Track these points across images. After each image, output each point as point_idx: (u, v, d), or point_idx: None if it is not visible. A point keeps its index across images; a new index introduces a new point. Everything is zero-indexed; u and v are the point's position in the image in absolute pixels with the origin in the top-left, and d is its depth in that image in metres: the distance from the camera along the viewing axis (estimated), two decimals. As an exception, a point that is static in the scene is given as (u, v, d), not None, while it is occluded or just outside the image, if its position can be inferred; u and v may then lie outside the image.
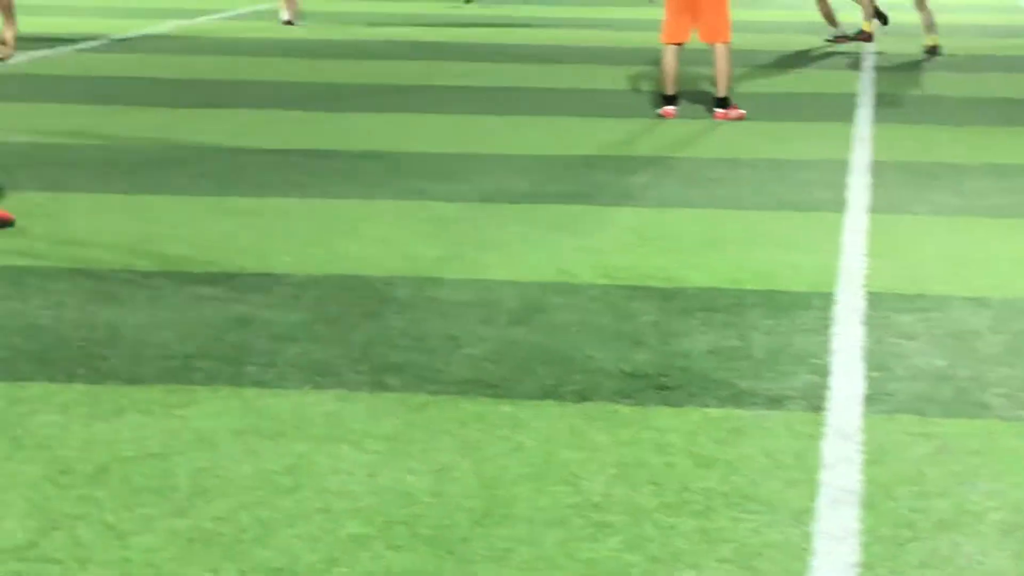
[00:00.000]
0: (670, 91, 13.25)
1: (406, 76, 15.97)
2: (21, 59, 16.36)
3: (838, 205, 9.64)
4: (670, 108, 13.21)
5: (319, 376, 6.15)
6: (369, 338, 6.69)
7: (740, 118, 13.01)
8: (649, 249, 8.45)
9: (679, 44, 13.12)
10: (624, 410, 5.83)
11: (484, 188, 10.04)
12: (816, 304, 7.34)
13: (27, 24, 15.50)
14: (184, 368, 6.22)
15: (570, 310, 7.21)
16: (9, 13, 8.64)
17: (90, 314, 6.95)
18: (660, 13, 13.30)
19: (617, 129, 12.64)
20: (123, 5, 23.45)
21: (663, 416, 5.77)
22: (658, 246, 8.52)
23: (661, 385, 6.11)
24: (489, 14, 23.24)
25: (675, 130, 12.64)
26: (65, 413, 5.66)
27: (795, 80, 16.23)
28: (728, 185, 10.29)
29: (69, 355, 6.34)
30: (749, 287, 7.65)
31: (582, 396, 5.98)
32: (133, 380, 6.06)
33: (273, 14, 21.97)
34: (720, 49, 13.03)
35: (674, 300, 7.38)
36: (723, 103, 13.15)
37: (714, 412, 5.81)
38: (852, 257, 8.31)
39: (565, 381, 6.15)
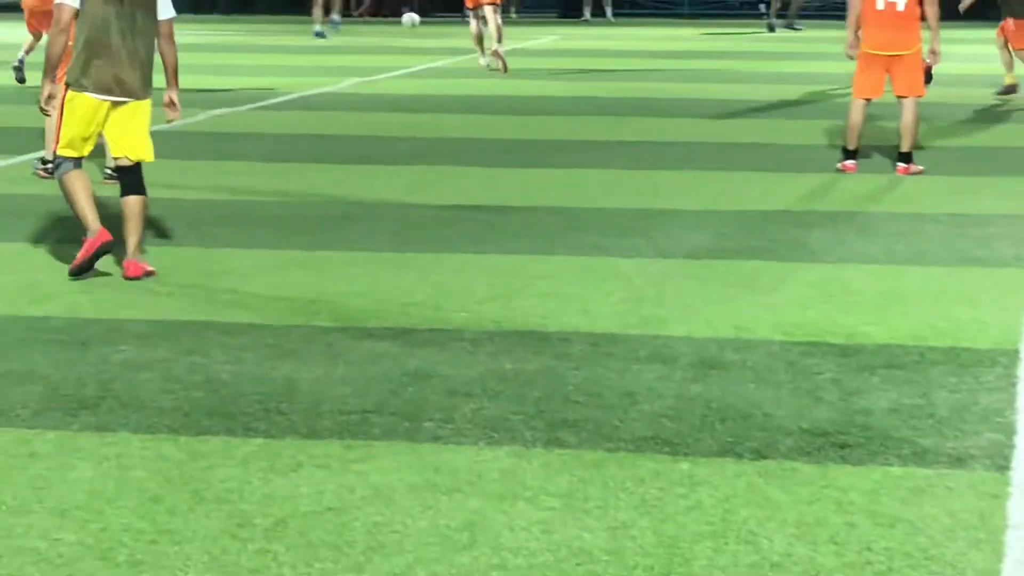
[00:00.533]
0: (852, 145, 13.10)
1: (584, 132, 16.01)
2: (201, 118, 16.74)
3: (1023, 260, 9.44)
4: (850, 163, 13.06)
5: (494, 432, 6.14)
6: (545, 394, 6.67)
7: (919, 173, 12.82)
8: (828, 305, 8.34)
9: (869, 99, 12.98)
10: (804, 468, 5.74)
11: (662, 244, 10.00)
12: (1001, 361, 7.18)
13: (207, 83, 15.94)
14: (361, 423, 6.25)
15: (748, 367, 7.13)
16: (175, 75, 8.85)
17: (269, 369, 7.03)
18: (837, 67, 13.18)
19: (796, 184, 12.54)
20: (301, 64, 23.85)
21: (843, 474, 5.67)
22: (838, 302, 8.41)
23: (841, 443, 6.01)
24: (666, 67, 23.23)
25: (856, 185, 12.49)
26: (244, 467, 5.71)
27: (979, 133, 15.97)
28: (910, 240, 10.13)
29: (248, 410, 6.40)
30: (931, 344, 7.50)
31: (760, 453, 5.90)
32: (311, 435, 6.10)
33: (448, 71, 22.19)
34: (909, 103, 12.86)
35: (854, 357, 7.26)
36: (907, 157, 12.97)
37: (896, 471, 5.70)
38: (1035, 312, 8.13)
39: (743, 438, 6.08)
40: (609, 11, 37.49)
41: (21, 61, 18.87)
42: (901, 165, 12.98)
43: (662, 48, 26.10)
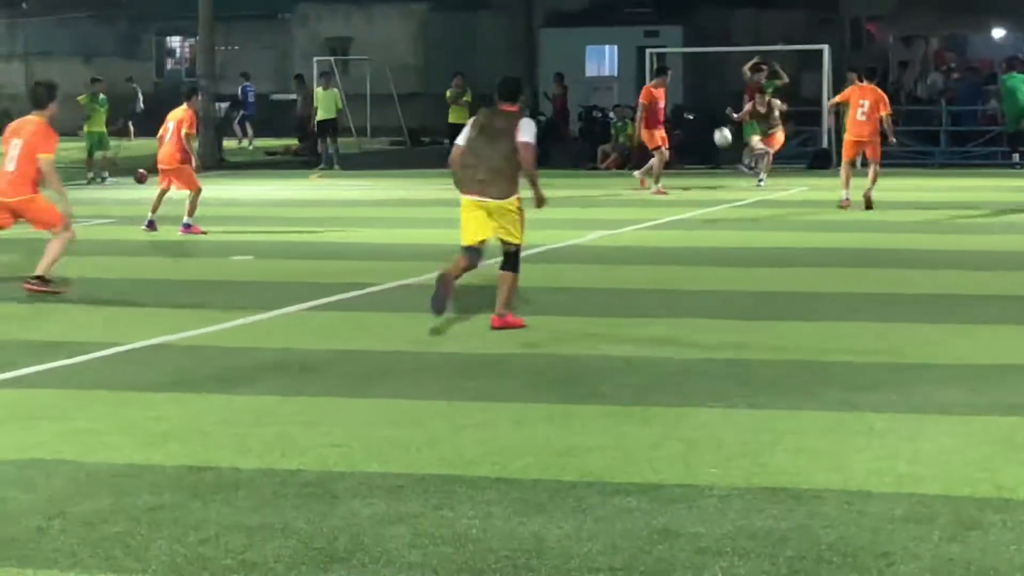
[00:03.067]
0: None
1: (832, 283, 15.83)
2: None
3: None
4: None
5: (745, 593, 6.04)
6: (797, 553, 6.55)
7: None
8: (1092, 463, 8.06)
9: None
10: (1069, 635, 5.53)
11: (915, 399, 9.79)
12: None
13: (457, 236, 16.08)
14: (609, 581, 6.20)
15: (1008, 527, 6.92)
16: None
17: (517, 524, 7.02)
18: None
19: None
20: (549, 217, 24.05)
21: (1112, 644, 5.44)
22: (1102, 460, 8.13)
23: (1109, 609, 5.78)
24: (916, 218, 22.93)
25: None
26: (493, 626, 5.70)
27: None
28: None
29: (496, 566, 6.40)
30: None
31: (1022, 620, 5.70)
32: (559, 593, 6.07)
33: (695, 223, 22.16)
34: None
35: (1122, 518, 7.00)
36: None
37: None
38: None
39: (1004, 603, 5.88)
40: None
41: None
42: None
43: (910, 199, 25.81)
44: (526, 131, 12.92)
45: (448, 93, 39.05)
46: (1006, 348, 11.69)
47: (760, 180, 29.84)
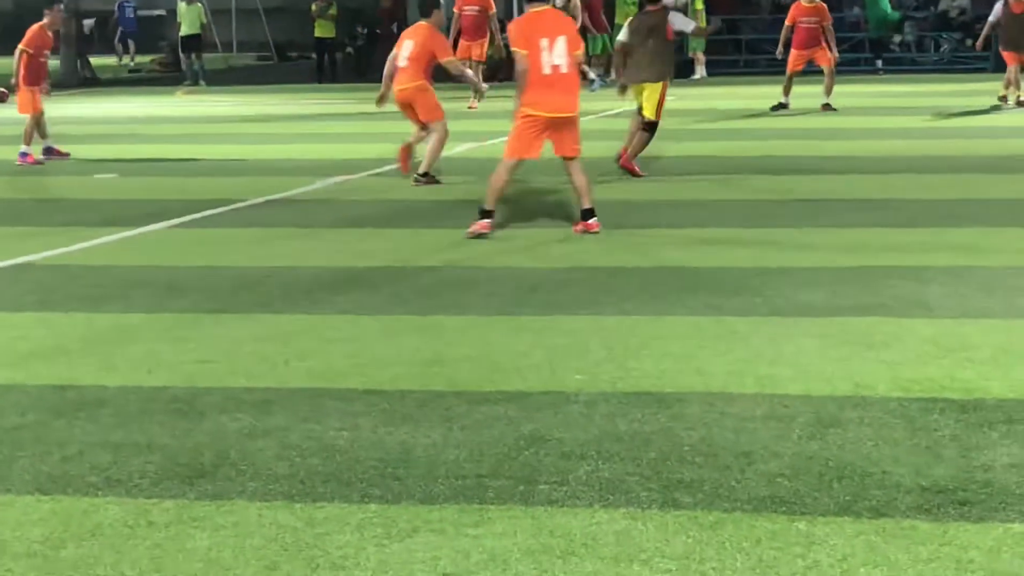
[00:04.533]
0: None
1: (695, 192, 15.96)
2: (319, 185, 16.93)
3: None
4: (485, 222, 13.00)
5: (610, 494, 6.12)
6: (661, 455, 6.64)
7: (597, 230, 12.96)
8: (947, 360, 8.24)
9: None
10: (923, 526, 5.67)
11: (776, 302, 9.94)
12: (1125, 414, 7.06)
13: (326, 151, 16.08)
14: (476, 487, 6.26)
15: (866, 424, 7.06)
16: None
17: (384, 435, 7.06)
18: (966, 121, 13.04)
19: (912, 239, 12.41)
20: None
21: (963, 532, 5.59)
22: (956, 357, 8.31)
23: (961, 500, 5.93)
24: (774, 125, 23.13)
25: (974, 239, 12.35)
26: (360, 534, 5.74)
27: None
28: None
29: (364, 476, 6.44)
30: (1052, 398, 7.40)
31: (879, 512, 5.84)
32: (426, 500, 6.11)
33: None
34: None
35: (973, 412, 7.17)
36: (588, 214, 13.13)
37: (1017, 527, 5.62)
38: None
39: (861, 497, 6.02)
40: (701, 70, 37.55)
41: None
42: (582, 223, 13.06)
43: (760, 106, 26.02)
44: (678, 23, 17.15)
45: (313, 7, 38.72)
46: (866, 250, 11.88)
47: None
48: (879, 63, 36.84)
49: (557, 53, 12.70)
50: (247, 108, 30.76)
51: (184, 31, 38.98)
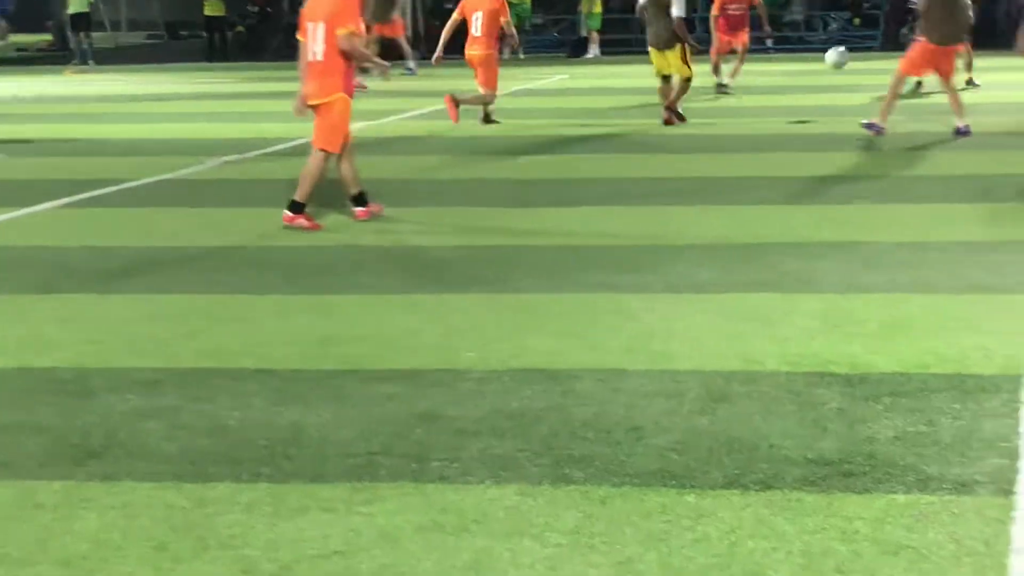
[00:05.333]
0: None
1: (592, 169, 16.03)
2: (208, 165, 16.83)
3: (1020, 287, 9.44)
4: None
5: (501, 470, 6.14)
6: (552, 431, 6.67)
7: (307, 226, 12.47)
8: (834, 335, 8.33)
9: None
10: (808, 498, 5.74)
11: (670, 279, 10.00)
12: (1005, 387, 7.17)
13: (215, 131, 15.96)
14: (368, 465, 6.26)
15: (754, 398, 7.13)
16: None
17: (275, 414, 7.04)
18: (846, 100, 13.16)
19: (802, 215, 12.54)
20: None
21: (848, 503, 5.67)
22: (843, 332, 8.40)
23: (847, 472, 6.01)
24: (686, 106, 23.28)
25: (861, 216, 12.49)
26: (250, 512, 5.72)
27: (989, 162, 15.94)
28: (915, 268, 10.13)
29: (254, 455, 6.41)
30: (935, 371, 7.50)
31: (767, 484, 5.90)
32: (317, 479, 6.11)
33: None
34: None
35: (859, 386, 7.26)
36: (297, 207, 12.54)
37: (901, 498, 5.70)
38: (1041, 339, 8.12)
39: (749, 470, 6.08)
40: (595, 49, 37.76)
41: None
42: (288, 214, 12.49)
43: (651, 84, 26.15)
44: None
45: (204, -16, 38.44)
46: (757, 227, 11.99)
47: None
48: (769, 42, 37.12)
49: (316, 39, 12.41)
50: (137, 87, 30.49)
51: (72, 9, 38.55)
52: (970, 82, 24.18)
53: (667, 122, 20.28)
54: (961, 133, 17.73)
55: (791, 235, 11.57)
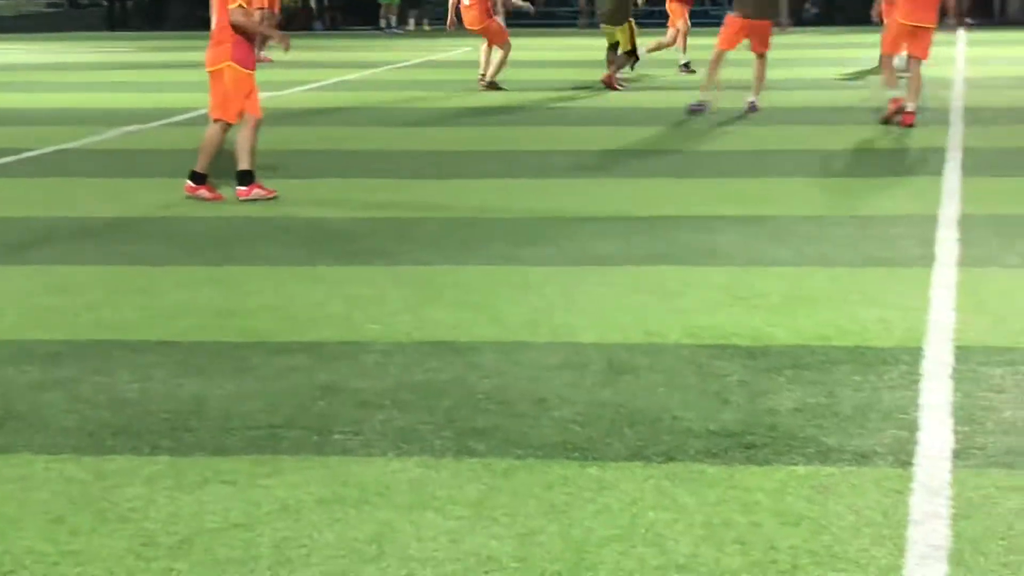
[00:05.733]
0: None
1: (495, 142, 16.03)
2: (110, 135, 16.67)
3: (927, 260, 9.53)
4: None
5: (404, 443, 6.14)
6: (455, 403, 6.67)
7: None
8: (736, 308, 8.39)
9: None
10: (710, 470, 5.78)
11: (571, 252, 10.02)
12: (904, 359, 7.25)
13: (116, 100, 15.82)
14: (270, 438, 6.23)
15: (657, 371, 7.17)
16: None
17: (176, 387, 6.99)
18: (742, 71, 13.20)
19: (705, 189, 12.61)
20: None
21: (749, 475, 5.71)
22: (745, 304, 8.46)
23: (747, 444, 6.05)
24: (581, 78, 23.31)
25: (762, 189, 12.57)
26: (150, 486, 5.68)
27: (883, 136, 16.10)
28: (816, 242, 10.21)
29: (155, 428, 6.37)
30: (836, 344, 7.57)
31: (668, 456, 5.93)
32: (218, 451, 6.07)
33: (359, 84, 22.14)
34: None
35: (761, 358, 7.32)
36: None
37: (801, 470, 5.75)
38: (941, 311, 8.20)
39: (651, 442, 6.11)
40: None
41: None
42: (190, 184, 12.42)
43: (566, 58, 26.24)
44: None
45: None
46: (657, 200, 12.03)
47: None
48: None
49: (213, 8, 12.39)
50: (37, 56, 30.13)
51: (-29, -23, 38.01)
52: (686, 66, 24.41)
53: (607, 83, 21.94)
54: (752, 108, 17.92)
55: (693, 208, 11.62)
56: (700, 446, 6.05)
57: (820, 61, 26.38)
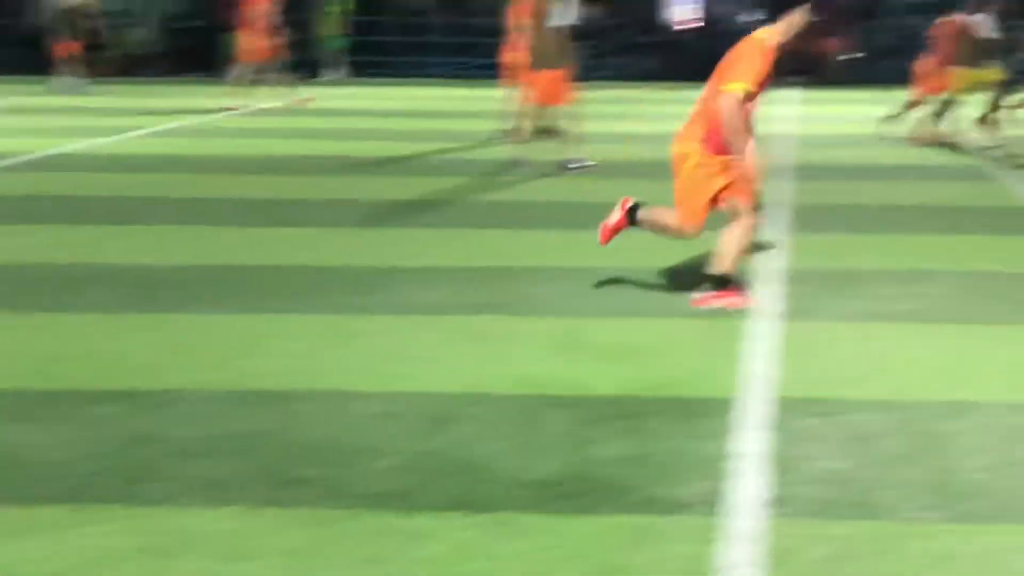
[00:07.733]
0: None
1: (322, 191, 15.98)
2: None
3: (750, 312, 9.67)
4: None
5: (221, 492, 6.08)
6: (276, 453, 6.63)
7: None
8: (560, 358, 8.44)
9: None
10: (532, 519, 5.80)
11: (401, 301, 10.01)
12: (723, 409, 7.35)
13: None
14: (86, 487, 6.14)
15: (481, 420, 7.19)
16: None
17: (-10, 435, 6.86)
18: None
19: (531, 240, 12.67)
20: (34, 126, 23.44)
21: (570, 524, 5.74)
22: (569, 355, 8.52)
23: (568, 494, 6.09)
24: (415, 128, 23.35)
25: (588, 241, 12.64)
26: (-39, 536, 5.57)
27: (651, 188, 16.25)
28: (641, 294, 10.30)
29: (-33, 477, 6.25)
30: (658, 394, 7.65)
31: (491, 506, 5.95)
32: (32, 501, 5.96)
33: (191, 131, 21.97)
34: None
35: (583, 408, 7.37)
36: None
37: (623, 519, 5.80)
38: (759, 363, 8.33)
39: (474, 491, 6.12)
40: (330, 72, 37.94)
41: None
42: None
43: (406, 107, 26.31)
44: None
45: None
46: (485, 251, 12.07)
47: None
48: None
49: None
50: None
51: None
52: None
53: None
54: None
55: (521, 259, 11.68)
56: (523, 495, 6.07)
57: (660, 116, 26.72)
